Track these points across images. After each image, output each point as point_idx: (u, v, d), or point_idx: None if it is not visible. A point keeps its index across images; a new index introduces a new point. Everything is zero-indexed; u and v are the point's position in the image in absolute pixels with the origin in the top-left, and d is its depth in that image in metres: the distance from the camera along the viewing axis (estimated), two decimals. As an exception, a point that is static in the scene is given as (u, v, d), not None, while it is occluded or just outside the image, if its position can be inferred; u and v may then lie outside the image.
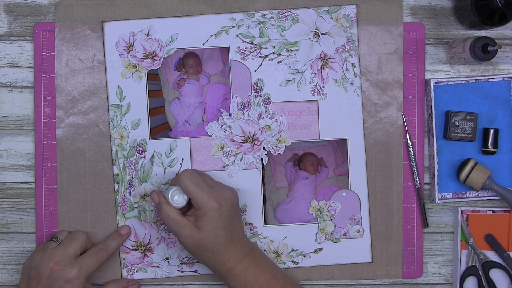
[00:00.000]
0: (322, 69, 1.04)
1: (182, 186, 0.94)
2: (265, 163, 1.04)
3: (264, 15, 1.03)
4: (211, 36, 1.03)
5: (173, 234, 0.97)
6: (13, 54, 1.04)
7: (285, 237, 1.05)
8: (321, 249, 1.05)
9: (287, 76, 1.04)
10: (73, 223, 1.04)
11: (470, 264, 1.05)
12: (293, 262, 1.05)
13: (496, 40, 1.00)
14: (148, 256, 1.04)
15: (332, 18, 1.03)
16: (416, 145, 1.05)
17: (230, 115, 1.04)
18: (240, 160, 1.04)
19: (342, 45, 1.04)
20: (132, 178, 1.03)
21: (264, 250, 1.04)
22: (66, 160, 1.03)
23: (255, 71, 1.04)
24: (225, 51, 1.03)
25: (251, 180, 1.04)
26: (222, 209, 0.93)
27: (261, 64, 1.04)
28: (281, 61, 1.04)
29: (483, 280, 1.04)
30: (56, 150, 1.03)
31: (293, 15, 1.03)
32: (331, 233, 1.05)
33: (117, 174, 1.03)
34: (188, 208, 0.97)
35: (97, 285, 1.04)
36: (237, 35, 1.03)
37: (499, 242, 1.04)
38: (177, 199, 0.95)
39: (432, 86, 1.02)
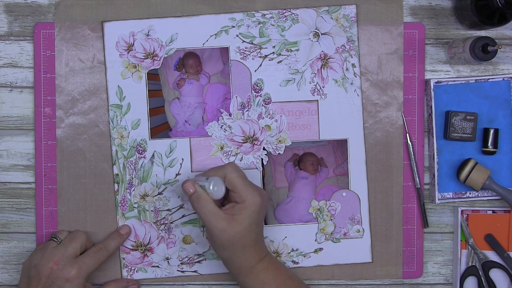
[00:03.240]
0: (322, 69, 1.04)
1: (229, 177, 0.93)
2: (265, 163, 1.04)
3: (264, 15, 1.03)
4: (211, 36, 1.03)
5: (206, 226, 0.93)
6: (13, 54, 1.04)
7: (285, 237, 1.05)
8: (321, 249, 1.05)
9: (287, 76, 1.04)
10: (73, 223, 1.04)
11: (470, 264, 1.05)
12: (293, 262, 1.05)
13: (496, 40, 1.00)
14: (148, 256, 1.04)
15: (332, 18, 1.03)
16: (416, 145, 1.05)
17: (230, 115, 1.04)
18: (240, 160, 1.04)
19: (342, 45, 1.04)
20: (132, 178, 1.03)
21: (264, 250, 1.05)
22: (66, 160, 1.03)
23: (255, 71, 1.04)
24: (225, 51, 1.03)
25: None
26: (262, 206, 0.93)
27: (261, 64, 1.03)
28: (281, 61, 1.04)
29: (483, 280, 1.04)
30: (56, 150, 1.03)
31: (293, 15, 1.03)
32: (331, 233, 1.05)
33: (117, 174, 1.03)
34: (218, 203, 0.95)
35: (97, 285, 1.04)
36: (237, 35, 1.03)
37: (499, 242, 1.04)
38: (217, 190, 0.93)
39: (432, 86, 1.02)
